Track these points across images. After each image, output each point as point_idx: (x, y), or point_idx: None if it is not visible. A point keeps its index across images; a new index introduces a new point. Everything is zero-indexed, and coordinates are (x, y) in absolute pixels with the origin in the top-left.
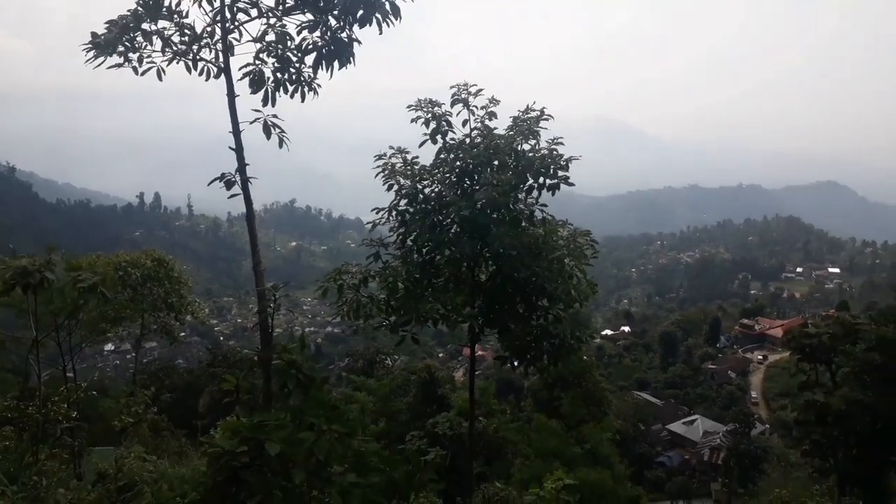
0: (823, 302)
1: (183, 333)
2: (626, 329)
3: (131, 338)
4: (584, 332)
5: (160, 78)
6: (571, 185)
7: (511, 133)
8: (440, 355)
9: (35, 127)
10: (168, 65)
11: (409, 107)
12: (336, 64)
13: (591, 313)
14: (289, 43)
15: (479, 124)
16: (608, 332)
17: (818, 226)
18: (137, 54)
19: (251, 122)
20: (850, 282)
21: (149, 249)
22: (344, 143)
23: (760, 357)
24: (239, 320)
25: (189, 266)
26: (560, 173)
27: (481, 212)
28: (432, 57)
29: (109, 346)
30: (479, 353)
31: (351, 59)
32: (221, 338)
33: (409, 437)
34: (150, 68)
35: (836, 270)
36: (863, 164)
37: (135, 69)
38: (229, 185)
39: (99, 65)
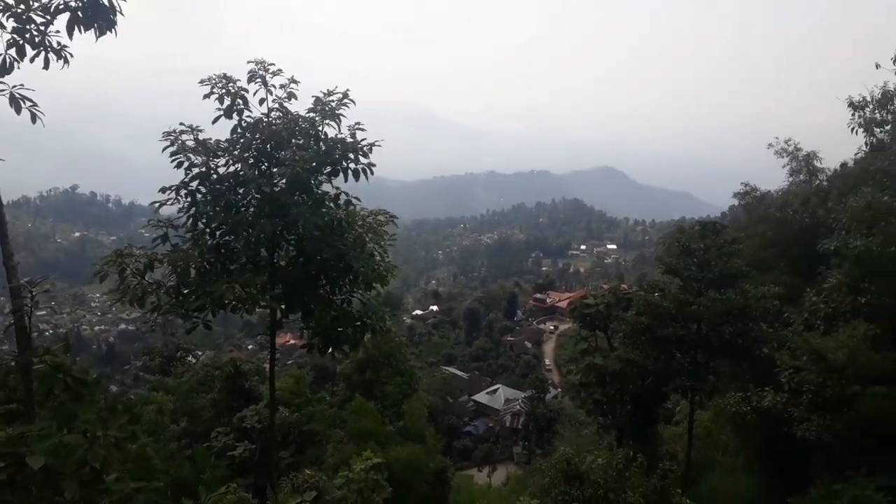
0: (604, 275)
1: None
2: (435, 308)
3: None
4: (385, 312)
5: None
6: (373, 169)
7: (312, 115)
8: (249, 347)
9: None
10: None
11: (201, 81)
12: (96, 29)
13: (403, 294)
14: (32, 3)
15: (277, 105)
16: (418, 311)
17: (598, 207)
18: None
19: None
20: (625, 256)
21: None
22: (139, 124)
23: (552, 327)
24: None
25: None
26: (363, 159)
27: (282, 191)
28: (233, 35)
29: None
30: (292, 341)
31: (113, 25)
32: None
33: (215, 433)
34: None
35: (614, 247)
36: (633, 151)
37: None
38: None
39: None
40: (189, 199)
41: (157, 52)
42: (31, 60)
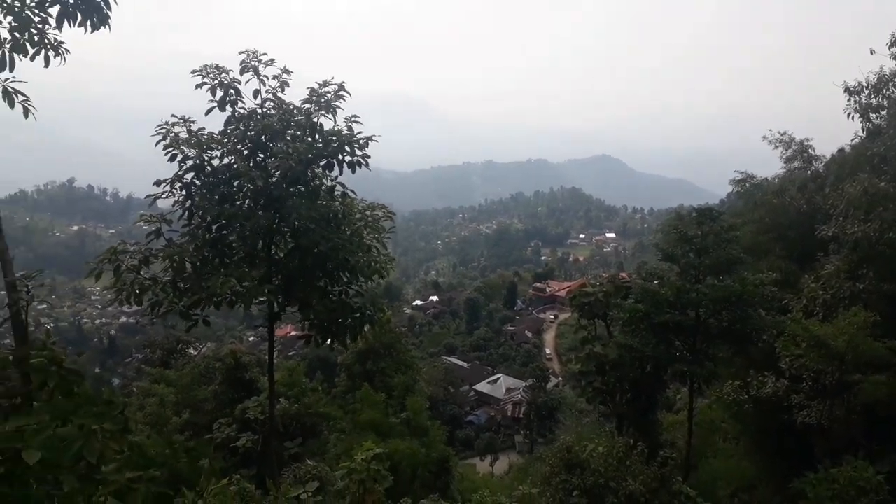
0: (603, 263)
1: None
2: (435, 298)
3: None
4: (384, 303)
5: None
6: (368, 161)
7: (308, 106)
8: (250, 339)
9: None
10: None
11: (193, 72)
12: (89, 24)
13: (402, 285)
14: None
15: (271, 95)
16: (418, 302)
17: (596, 195)
18: None
19: None
20: (624, 244)
21: None
22: (132, 116)
23: (552, 316)
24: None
25: None
26: (359, 152)
27: (277, 183)
28: (227, 24)
29: None
30: (292, 332)
31: (106, 20)
32: None
33: (217, 425)
34: None
35: (613, 235)
36: (630, 139)
37: None
38: None
39: None
40: (184, 191)
41: (152, 45)
42: (32, 59)
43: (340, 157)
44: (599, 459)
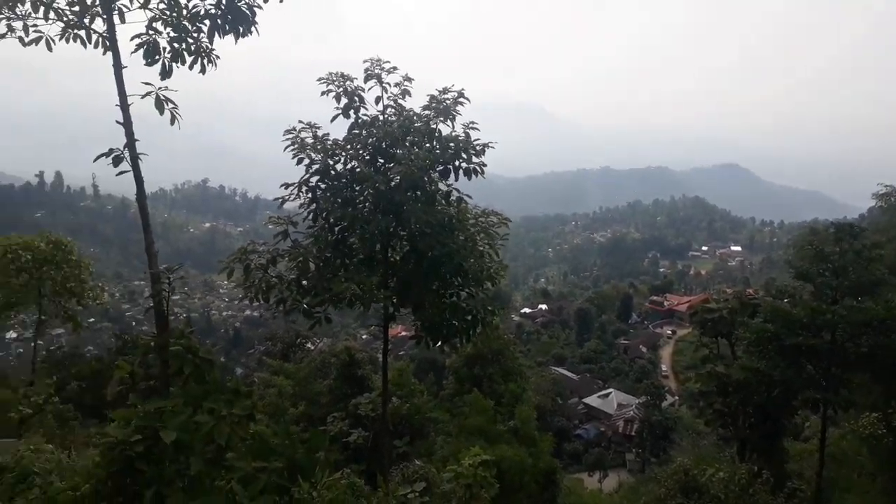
0: (727, 278)
1: (92, 319)
2: (544, 307)
3: (33, 325)
4: (496, 306)
5: (49, 48)
6: (484, 168)
7: (428, 112)
8: (363, 337)
9: None
10: (62, 38)
11: (319, 80)
12: (234, 33)
13: (511, 292)
14: (183, 10)
15: (392, 102)
16: (527, 310)
17: (721, 206)
18: (22, 23)
19: (142, 97)
20: (751, 259)
21: (44, 232)
22: (261, 120)
23: (670, 332)
24: (151, 305)
25: (95, 250)
26: (475, 159)
27: (397, 188)
28: (350, 32)
29: (11, 334)
30: (402, 332)
31: (252, 27)
32: (133, 322)
33: (331, 419)
34: (38, 38)
35: (738, 249)
36: (757, 148)
37: (21, 39)
38: (117, 161)
39: None
40: (309, 194)
41: (280, 50)
42: (190, 67)
43: (457, 163)
44: (720, 485)
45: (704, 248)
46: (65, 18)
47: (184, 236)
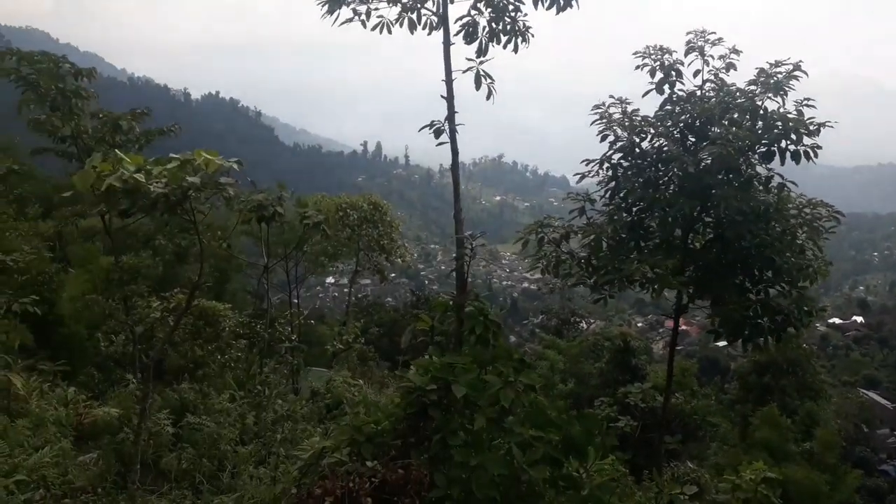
0: None
1: (393, 274)
2: (859, 319)
3: (348, 273)
4: (813, 307)
5: (389, 31)
6: (817, 153)
7: (753, 88)
8: (638, 325)
9: (275, 76)
10: (396, 22)
11: (634, 53)
12: (556, 6)
13: (819, 297)
14: None
15: (712, 76)
16: (836, 320)
17: None
18: (366, 7)
19: (464, 72)
20: None
21: (366, 194)
22: (555, 99)
23: None
24: (443, 267)
25: (402, 213)
26: (807, 140)
27: (707, 170)
28: (655, 11)
29: (330, 279)
30: (683, 327)
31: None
32: (426, 282)
33: (599, 402)
34: (379, 23)
35: None
36: None
37: (363, 23)
38: (438, 133)
39: (334, 20)
40: (610, 172)
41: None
42: (504, 46)
43: (783, 144)
44: None
45: None
46: (402, 1)
47: (476, 207)
